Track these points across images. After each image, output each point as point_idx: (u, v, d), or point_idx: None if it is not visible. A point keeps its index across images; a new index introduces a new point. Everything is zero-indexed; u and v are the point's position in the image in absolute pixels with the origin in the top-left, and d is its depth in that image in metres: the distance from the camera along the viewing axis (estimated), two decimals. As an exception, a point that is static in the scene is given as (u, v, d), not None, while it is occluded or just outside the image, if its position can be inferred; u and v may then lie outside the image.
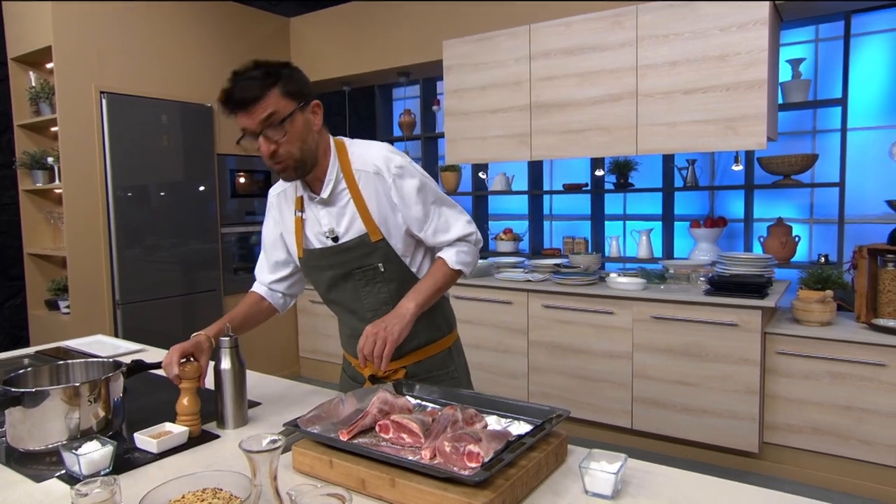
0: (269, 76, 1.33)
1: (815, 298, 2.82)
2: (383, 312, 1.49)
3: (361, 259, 1.49)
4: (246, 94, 1.31)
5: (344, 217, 1.48)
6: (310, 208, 1.52)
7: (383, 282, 1.51)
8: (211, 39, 4.18)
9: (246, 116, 1.33)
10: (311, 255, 1.54)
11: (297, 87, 1.37)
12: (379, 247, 1.47)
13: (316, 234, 1.52)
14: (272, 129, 1.33)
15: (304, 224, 1.53)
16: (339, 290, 1.55)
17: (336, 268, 1.51)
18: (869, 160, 3.70)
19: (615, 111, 3.19)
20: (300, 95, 1.37)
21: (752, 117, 2.83)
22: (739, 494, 1.12)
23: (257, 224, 4.52)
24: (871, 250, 2.83)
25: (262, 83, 1.32)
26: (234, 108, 1.33)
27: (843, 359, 2.71)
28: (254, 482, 0.84)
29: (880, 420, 2.66)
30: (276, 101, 1.33)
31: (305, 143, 1.39)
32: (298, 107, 1.36)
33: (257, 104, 1.31)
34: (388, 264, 1.49)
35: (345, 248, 1.49)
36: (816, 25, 3.81)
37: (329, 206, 1.49)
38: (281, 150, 1.35)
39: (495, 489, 1.02)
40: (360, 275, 1.50)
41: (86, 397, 1.31)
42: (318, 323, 4.67)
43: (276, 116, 1.32)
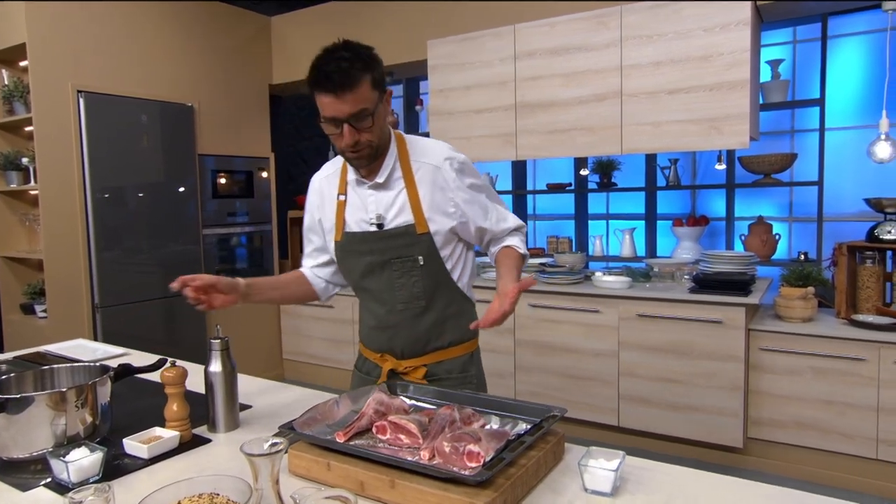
0: (359, 60, 1.30)
1: (796, 295, 2.87)
2: (414, 307, 1.50)
3: (402, 249, 1.47)
4: (340, 80, 1.28)
5: (394, 205, 1.47)
6: (356, 192, 1.51)
7: (419, 276, 1.48)
8: (191, 38, 4.12)
9: (335, 102, 1.30)
10: (351, 239, 1.51)
11: (381, 75, 1.36)
12: (422, 239, 1.46)
13: (358, 219, 1.50)
14: (359, 121, 1.32)
15: (345, 207, 1.52)
16: (374, 279, 1.51)
17: (375, 254, 1.49)
18: (846, 159, 3.78)
19: (600, 111, 3.21)
20: (381, 84, 1.37)
21: (735, 117, 2.87)
22: (737, 489, 1.13)
23: (238, 225, 4.46)
24: (850, 247, 2.89)
25: (354, 68, 1.29)
26: (323, 90, 1.30)
27: (825, 354, 2.76)
28: (255, 486, 0.83)
29: (860, 413, 2.71)
30: (367, 94, 1.31)
31: (383, 132, 1.41)
32: (380, 98, 1.36)
33: (350, 93, 1.29)
34: (428, 259, 1.48)
35: (388, 235, 1.47)
36: (794, 27, 3.88)
37: (380, 192, 1.48)
38: (362, 139, 1.35)
39: (497, 488, 1.01)
40: (397, 265, 1.48)
41: (72, 403, 1.28)
42: (301, 325, 4.63)
43: (365, 111, 1.31)
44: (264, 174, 4.63)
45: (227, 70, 4.38)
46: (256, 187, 4.59)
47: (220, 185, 4.30)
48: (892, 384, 2.63)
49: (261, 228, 4.64)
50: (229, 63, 4.39)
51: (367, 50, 1.35)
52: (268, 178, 4.67)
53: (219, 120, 4.31)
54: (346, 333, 4.38)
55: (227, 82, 4.37)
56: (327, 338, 4.49)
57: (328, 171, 1.60)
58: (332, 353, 4.48)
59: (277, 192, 4.81)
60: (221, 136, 4.33)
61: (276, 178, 4.77)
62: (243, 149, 4.49)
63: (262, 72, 4.68)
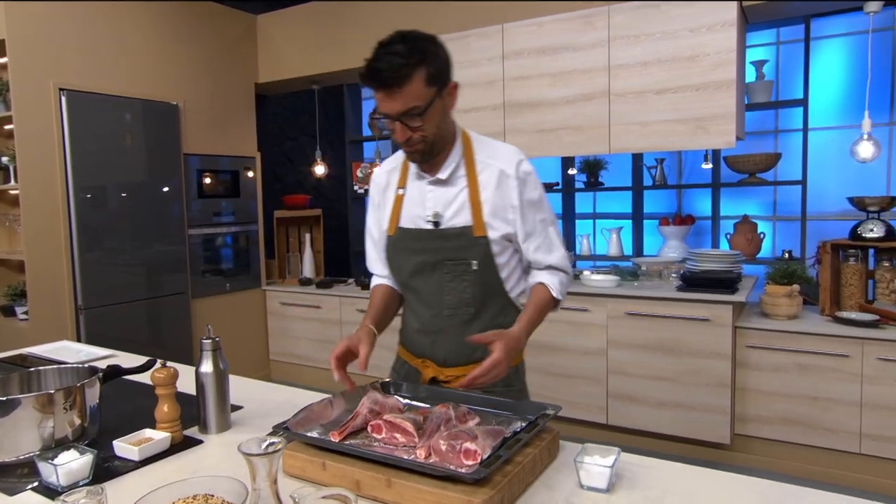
0: (414, 55, 1.26)
1: (782, 293, 2.91)
2: (462, 313, 1.44)
3: (457, 251, 1.42)
4: (389, 76, 1.25)
5: (453, 204, 1.42)
6: (416, 187, 1.47)
7: (470, 282, 1.42)
8: (177, 36, 4.07)
9: (386, 99, 1.29)
10: (405, 235, 1.47)
11: (438, 68, 1.30)
12: (479, 243, 1.41)
13: (414, 216, 1.46)
14: (410, 118, 1.30)
15: (402, 201, 1.49)
16: (423, 279, 1.46)
17: (428, 254, 1.44)
18: (829, 159, 3.84)
19: (588, 111, 3.23)
20: (440, 78, 1.31)
21: (722, 117, 2.90)
22: (730, 484, 1.14)
23: (224, 225, 4.42)
24: (833, 245, 2.93)
25: (406, 63, 1.25)
26: (375, 86, 1.28)
27: (810, 351, 2.79)
28: (253, 486, 0.82)
29: (844, 409, 2.75)
30: (419, 90, 1.27)
31: (440, 129, 1.36)
32: (437, 93, 1.31)
33: (400, 90, 1.26)
34: (482, 264, 1.42)
35: (443, 235, 1.42)
36: (777, 28, 3.93)
37: (440, 188, 1.43)
38: (416, 135, 1.32)
39: (493, 486, 1.01)
40: (450, 267, 1.43)
41: (60, 405, 1.26)
42: (288, 325, 4.60)
43: (415, 109, 1.28)
44: (250, 174, 4.59)
45: (213, 69, 4.33)
46: (242, 187, 4.55)
47: (205, 184, 4.25)
48: (875, 380, 2.67)
49: (247, 228, 4.60)
50: (215, 62, 4.35)
51: (424, 42, 1.29)
52: (254, 178, 4.63)
53: (204, 119, 4.27)
54: (334, 334, 4.36)
55: (212, 81, 4.33)
56: (315, 338, 4.46)
57: (391, 164, 1.56)
58: (320, 353, 4.45)
59: (264, 192, 4.77)
60: (207, 136, 4.29)
61: (262, 178, 4.73)
62: (229, 148, 4.45)
63: (248, 71, 4.64)
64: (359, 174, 5.31)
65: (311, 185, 5.67)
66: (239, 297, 4.54)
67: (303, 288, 4.59)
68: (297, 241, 5.08)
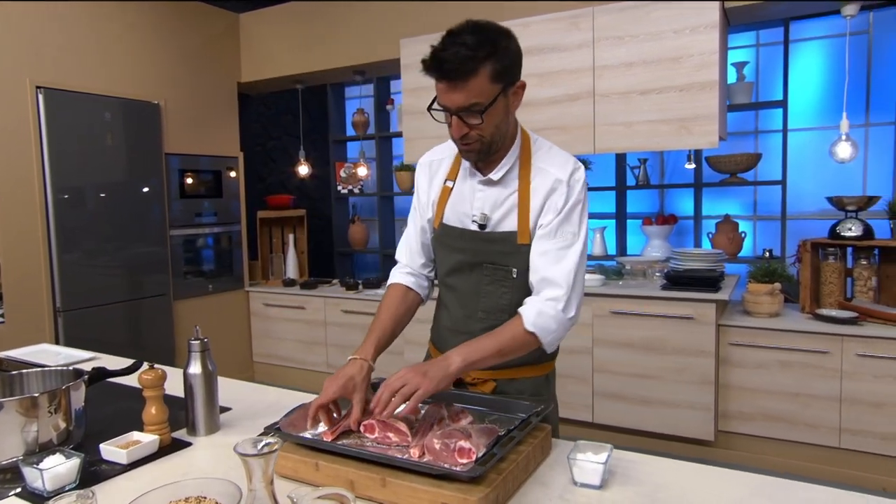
0: (483, 47, 1.18)
1: (764, 291, 2.95)
2: (495, 318, 1.38)
3: (498, 255, 1.37)
4: (453, 68, 1.17)
5: (501, 206, 1.36)
6: (465, 184, 1.40)
7: (509, 288, 1.38)
8: (157, 35, 4.02)
9: (447, 91, 1.21)
10: (447, 232, 1.42)
11: (507, 65, 1.22)
12: (522, 251, 1.35)
13: (459, 213, 1.40)
14: (470, 115, 1.22)
15: (449, 195, 1.42)
16: (461, 278, 1.42)
17: (467, 254, 1.40)
18: (807, 159, 3.91)
19: (573, 111, 3.24)
20: (507, 75, 1.24)
21: (705, 117, 2.94)
22: (719, 478, 1.16)
23: (206, 226, 4.37)
24: (813, 244, 2.98)
25: (473, 56, 1.17)
26: (437, 76, 1.21)
27: (791, 348, 2.84)
28: (249, 487, 0.81)
29: (824, 404, 2.80)
30: (483, 86, 1.19)
31: (499, 129, 1.29)
32: (502, 91, 1.23)
33: (464, 83, 1.18)
34: (522, 272, 1.36)
35: (487, 238, 1.38)
36: (757, 31, 3.99)
37: (490, 188, 1.37)
38: (473, 133, 1.25)
39: (489, 484, 1.01)
40: (489, 270, 1.38)
41: (45, 408, 1.23)
42: (271, 327, 4.56)
43: (476, 106, 1.21)
44: (233, 174, 4.54)
45: (195, 67, 4.28)
46: (225, 187, 4.50)
47: (187, 184, 4.20)
48: (854, 376, 2.73)
49: (229, 229, 4.55)
50: (197, 60, 4.29)
51: (496, 35, 1.22)
52: (237, 178, 4.59)
53: (186, 118, 4.21)
54: (318, 335, 4.33)
55: (194, 80, 4.28)
56: (299, 339, 4.43)
57: (441, 153, 1.49)
58: (304, 354, 4.42)
59: (246, 193, 4.72)
60: (189, 135, 4.23)
61: (245, 178, 4.68)
62: (211, 148, 4.40)
63: (231, 69, 4.59)
64: (342, 174, 5.28)
65: (294, 185, 5.63)
66: (222, 298, 4.49)
67: (287, 289, 4.55)
68: (280, 241, 5.04)
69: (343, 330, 4.22)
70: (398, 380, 1.16)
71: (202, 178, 4.33)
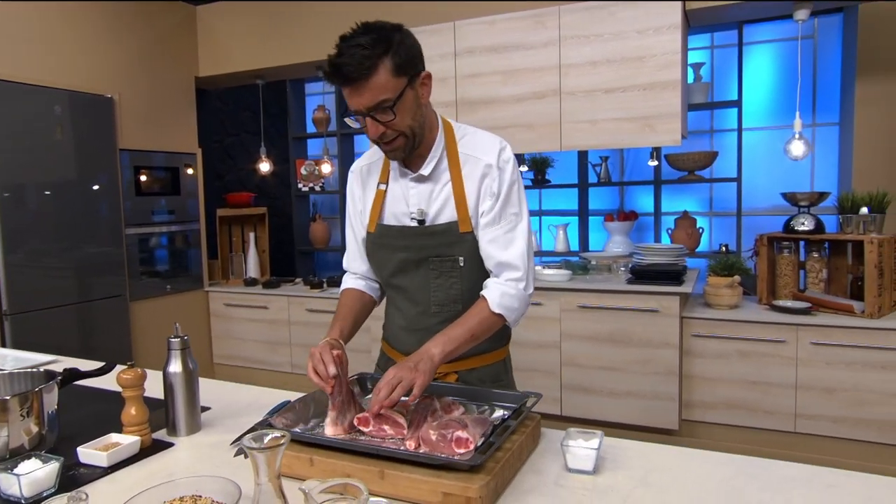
0: (378, 44, 1.19)
1: (724, 284, 3.06)
2: (449, 311, 1.40)
3: (442, 248, 1.38)
4: (353, 70, 1.18)
5: (436, 199, 1.38)
6: (398, 184, 1.41)
7: (458, 277, 1.39)
8: (110, 26, 3.86)
9: (353, 94, 1.22)
10: (385, 233, 1.43)
11: (407, 57, 1.24)
12: (465, 239, 1.37)
13: (397, 213, 1.42)
14: (381, 113, 1.23)
15: (384, 197, 1.43)
16: (408, 276, 1.43)
17: (411, 251, 1.40)
18: (759, 157, 4.07)
19: (539, 108, 3.29)
20: (410, 67, 1.25)
21: (668, 116, 3.02)
22: (703, 460, 1.20)
23: (164, 224, 4.23)
24: (769, 238, 3.11)
25: (370, 55, 1.18)
26: (340, 83, 1.22)
27: (750, 338, 2.95)
28: (256, 481, 0.79)
29: (781, 391, 2.92)
30: (385, 82, 1.20)
31: (414, 120, 1.29)
32: (408, 83, 1.25)
33: (367, 83, 1.20)
34: (469, 260, 1.38)
35: (428, 232, 1.38)
36: (712, 33, 4.13)
37: (423, 184, 1.38)
38: (389, 131, 1.26)
39: (488, 472, 1.02)
40: (435, 263, 1.39)
41: (17, 412, 1.17)
42: (232, 327, 4.45)
43: (385, 102, 1.22)
44: (190, 171, 4.40)
45: (150, 60, 4.14)
46: (183, 184, 4.37)
47: (143, 181, 4.06)
48: (808, 363, 2.86)
49: (188, 228, 4.42)
50: (152, 53, 4.15)
51: (389, 32, 1.24)
52: (195, 175, 4.46)
53: (142, 113, 4.07)
54: (282, 335, 4.25)
55: (150, 73, 4.13)
56: (262, 340, 4.34)
57: (370, 158, 1.50)
58: (268, 355, 4.34)
59: (205, 190, 4.60)
60: (145, 130, 4.09)
61: (203, 175, 4.56)
62: (168, 144, 4.26)
63: (188, 63, 4.46)
64: (303, 172, 5.21)
65: (252, 183, 5.51)
66: (180, 298, 4.36)
67: (248, 288, 4.46)
68: (240, 240, 4.92)
69: (308, 329, 4.15)
70: (393, 379, 1.16)
71: (159, 174, 4.19)
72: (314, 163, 5.16)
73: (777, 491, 1.06)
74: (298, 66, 4.25)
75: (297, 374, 4.22)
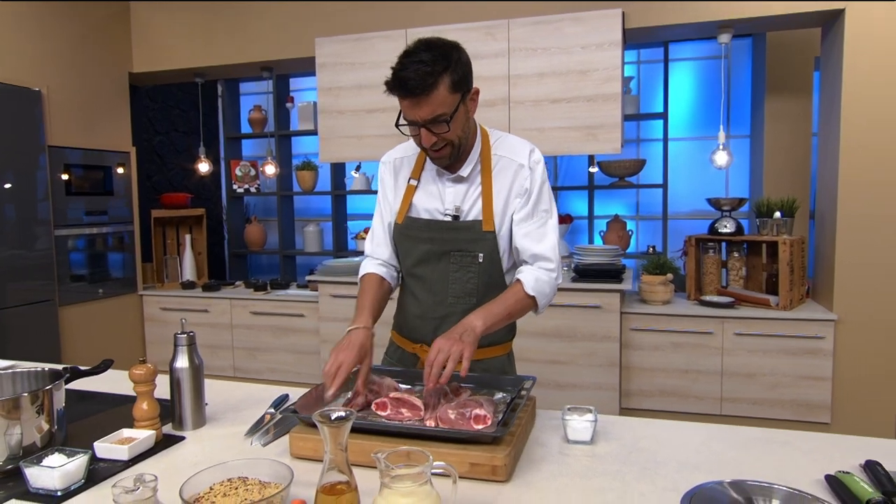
0: (439, 63, 1.29)
1: (658, 281, 3.33)
2: (464, 303, 1.49)
3: (465, 243, 1.47)
4: (415, 85, 1.28)
5: (469, 198, 1.48)
6: (433, 182, 1.51)
7: (475, 273, 1.49)
8: (36, 15, 3.65)
9: (412, 107, 1.32)
10: (414, 224, 1.51)
11: (462, 74, 1.34)
12: (487, 238, 1.46)
13: (429, 208, 1.50)
14: (437, 125, 1.33)
15: (415, 192, 1.52)
16: (429, 267, 1.51)
17: (436, 243, 1.49)
18: (680, 166, 4.43)
19: (489, 116, 3.44)
20: (464, 84, 1.36)
21: (610, 126, 3.26)
22: (681, 430, 1.36)
23: (96, 226, 4.03)
24: (697, 240, 3.42)
25: (432, 72, 1.28)
26: (401, 94, 1.32)
27: (681, 330, 3.23)
28: (327, 451, 0.86)
29: (709, 378, 3.22)
30: (444, 98, 1.31)
31: (463, 131, 1.41)
32: (461, 99, 1.35)
33: (427, 98, 1.29)
34: (487, 257, 1.48)
35: (454, 226, 1.48)
36: (639, 50, 4.46)
37: (459, 185, 1.48)
38: (439, 141, 1.37)
39: (507, 444, 1.13)
40: (456, 257, 1.49)
41: (29, 410, 1.16)
42: (169, 332, 4.30)
43: (442, 116, 1.32)
44: (120, 170, 4.22)
45: (81, 54, 3.94)
46: (116, 184, 4.18)
47: (75, 181, 3.86)
48: (732, 352, 3.17)
49: (122, 229, 4.24)
50: (83, 46, 3.95)
51: (449, 50, 1.34)
52: (128, 175, 4.28)
53: (72, 108, 3.87)
54: (224, 338, 4.17)
55: (80, 67, 3.94)
56: (202, 344, 4.20)
57: (404, 152, 1.58)
58: (208, 359, 4.22)
59: (140, 190, 4.42)
60: (75, 127, 3.89)
61: (137, 175, 4.38)
62: (100, 142, 4.07)
63: (122, 58, 4.28)
64: (238, 173, 5.11)
65: (181, 184, 5.33)
66: (113, 303, 4.17)
67: (187, 291, 4.33)
68: (175, 242, 4.76)
69: (251, 332, 4.10)
70: (438, 353, 1.24)
71: (92, 173, 4.00)
72: (248, 163, 5.08)
73: (744, 449, 1.24)
74: (244, 66, 4.19)
75: (239, 379, 4.15)
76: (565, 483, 1.10)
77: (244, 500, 0.93)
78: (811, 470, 1.12)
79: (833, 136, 3.12)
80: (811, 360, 3.07)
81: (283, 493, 0.92)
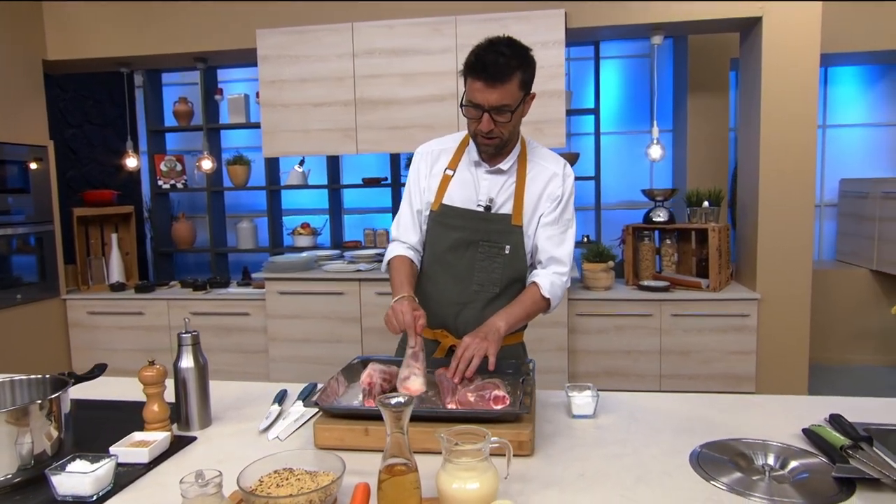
0: (517, 58, 1.41)
1: (600, 269, 3.53)
2: (487, 292, 1.57)
3: (494, 234, 1.55)
4: (496, 70, 1.37)
5: (503, 192, 1.56)
6: (469, 172, 1.58)
7: (501, 265, 1.56)
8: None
9: (484, 90, 1.39)
10: (449, 212, 1.57)
11: (531, 76, 1.46)
12: (515, 231, 1.55)
13: (465, 197, 1.57)
14: (499, 114, 1.41)
15: (450, 182, 1.58)
16: (458, 255, 1.57)
17: (467, 231, 1.55)
18: (609, 159, 4.68)
19: (438, 110, 3.49)
20: (529, 85, 1.46)
21: (555, 121, 3.40)
22: (672, 400, 1.50)
23: (12, 226, 3.74)
24: (634, 229, 3.65)
25: (511, 64, 1.39)
26: (477, 76, 1.38)
27: (622, 314, 3.45)
28: (389, 432, 0.91)
29: (648, 357, 3.46)
30: (514, 91, 1.40)
31: (515, 127, 1.50)
32: (523, 98, 1.45)
33: (502, 85, 1.38)
34: (513, 250, 1.56)
35: (485, 217, 1.55)
36: (569, 47, 4.66)
37: (495, 177, 1.55)
38: (496, 130, 1.44)
39: (528, 421, 1.21)
40: (485, 247, 1.56)
41: (39, 418, 1.11)
42: (99, 337, 4.06)
43: (507, 107, 1.41)
44: (34, 165, 3.91)
45: (-10, 39, 3.63)
46: (33, 181, 3.88)
47: (-14, 177, 3.55)
48: (669, 332, 3.42)
49: (41, 229, 3.95)
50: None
51: (526, 50, 1.45)
52: (46, 170, 3.99)
53: (-19, 98, 3.56)
54: (162, 341, 3.98)
55: (-11, 54, 3.62)
56: (136, 348, 4.01)
57: (441, 145, 1.65)
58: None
59: (59, 187, 4.12)
60: (-14, 119, 3.58)
61: (56, 170, 4.08)
62: (12, 134, 3.77)
63: (34, 45, 3.96)
64: (163, 168, 4.88)
65: (98, 180, 5.00)
66: (33, 308, 3.88)
67: (117, 294, 4.10)
68: (99, 242, 4.48)
69: (193, 334, 3.94)
70: (466, 350, 1.34)
71: (6, 169, 3.70)
72: (174, 158, 4.86)
73: (727, 412, 1.39)
74: (175, 56, 4.00)
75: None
76: (583, 452, 1.20)
77: (300, 489, 0.94)
78: (789, 426, 1.28)
79: (753, 132, 3.43)
80: (738, 336, 3.37)
81: (338, 482, 0.94)
